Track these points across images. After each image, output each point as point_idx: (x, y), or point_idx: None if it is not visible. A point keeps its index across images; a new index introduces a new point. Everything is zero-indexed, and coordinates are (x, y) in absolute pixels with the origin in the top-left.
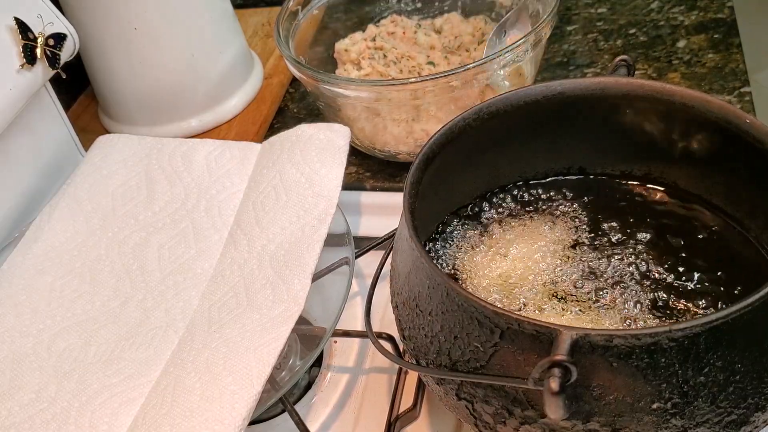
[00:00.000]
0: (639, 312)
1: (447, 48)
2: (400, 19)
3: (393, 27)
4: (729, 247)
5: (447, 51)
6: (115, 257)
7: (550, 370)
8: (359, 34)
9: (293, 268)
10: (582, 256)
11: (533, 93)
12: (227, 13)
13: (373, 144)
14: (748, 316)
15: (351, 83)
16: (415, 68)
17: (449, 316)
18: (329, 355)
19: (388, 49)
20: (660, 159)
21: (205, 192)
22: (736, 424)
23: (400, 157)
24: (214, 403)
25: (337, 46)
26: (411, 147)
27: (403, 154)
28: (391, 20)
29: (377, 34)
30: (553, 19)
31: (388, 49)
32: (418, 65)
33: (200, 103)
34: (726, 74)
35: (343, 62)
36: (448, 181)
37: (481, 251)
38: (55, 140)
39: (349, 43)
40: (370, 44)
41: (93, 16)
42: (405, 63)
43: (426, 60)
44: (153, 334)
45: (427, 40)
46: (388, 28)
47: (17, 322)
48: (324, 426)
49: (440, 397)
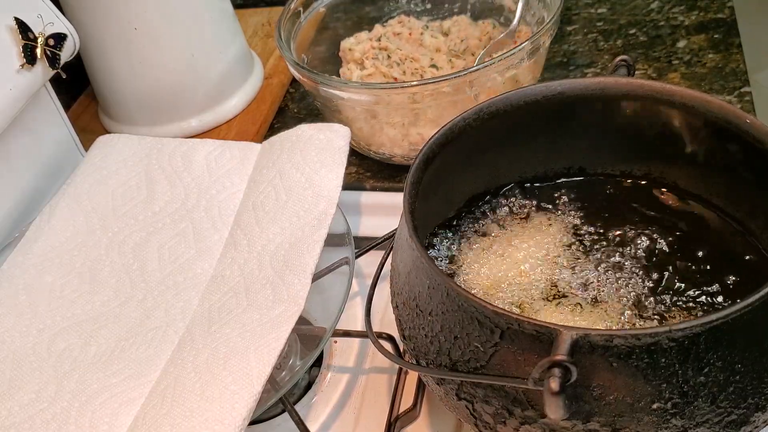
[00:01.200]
0: (639, 312)
1: (453, 51)
2: (408, 19)
3: (400, 27)
4: (729, 247)
5: (452, 54)
6: (115, 257)
7: (550, 370)
8: (365, 33)
9: (293, 268)
10: (582, 256)
11: (533, 93)
12: (227, 13)
13: (369, 145)
14: (748, 316)
15: (349, 86)
16: (418, 70)
17: (449, 316)
18: (329, 355)
19: (392, 50)
20: (660, 159)
21: (205, 192)
22: (736, 424)
23: (394, 159)
24: (214, 403)
25: (342, 44)
26: (406, 150)
27: (397, 156)
28: (398, 20)
29: (383, 34)
30: (553, 26)
31: (392, 50)
32: (421, 68)
33: (200, 103)
34: (726, 74)
35: (347, 61)
36: (448, 181)
37: (481, 251)
38: (55, 140)
39: (354, 42)
40: (374, 44)
41: (93, 16)
42: (408, 65)
43: (429, 63)
44: (153, 334)
45: (433, 42)
46: (395, 29)
47: (17, 322)
48: (324, 426)
49: (440, 397)
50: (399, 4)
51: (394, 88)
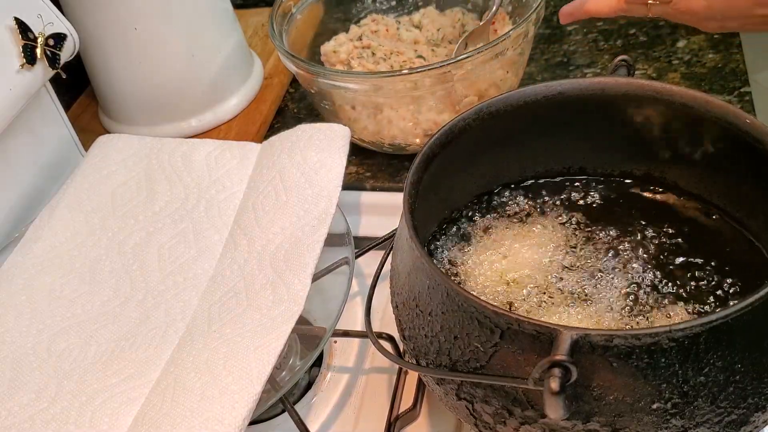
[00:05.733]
0: (639, 312)
1: (432, 41)
2: (380, 17)
3: (375, 25)
4: (729, 247)
5: (432, 44)
6: (115, 257)
7: (550, 370)
8: (343, 35)
9: (293, 268)
10: (582, 256)
11: (533, 93)
12: (227, 14)
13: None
14: (748, 316)
15: (348, 75)
16: (406, 62)
17: (449, 316)
18: (329, 355)
19: (375, 47)
20: (660, 159)
21: (205, 192)
22: (736, 424)
23: (410, 148)
24: (214, 403)
25: (323, 48)
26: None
27: (413, 145)
28: (372, 19)
29: (362, 33)
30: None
31: (375, 47)
32: (409, 59)
33: (200, 103)
34: (726, 74)
35: (332, 64)
36: (448, 181)
37: (481, 251)
38: (55, 140)
39: (336, 45)
40: (357, 44)
41: (93, 16)
42: (395, 59)
43: (415, 54)
44: (153, 334)
45: (410, 35)
46: (371, 27)
47: (17, 322)
48: (324, 426)
49: (440, 397)
50: (365, 5)
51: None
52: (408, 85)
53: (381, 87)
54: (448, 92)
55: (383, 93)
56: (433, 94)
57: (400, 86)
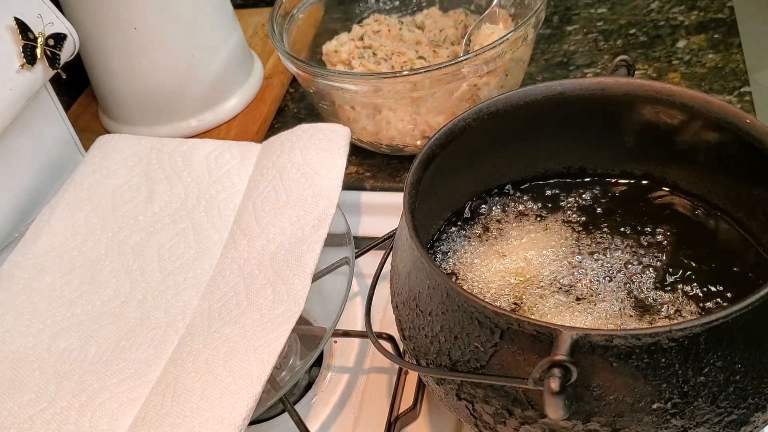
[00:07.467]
0: (639, 312)
1: (434, 42)
2: (383, 17)
3: (377, 25)
4: (729, 246)
5: (434, 45)
6: (115, 257)
7: (550, 370)
8: (345, 35)
9: (293, 268)
10: (582, 256)
11: (533, 93)
12: (227, 14)
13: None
14: (748, 316)
15: (347, 76)
16: (407, 63)
17: (449, 316)
18: (329, 355)
19: (376, 47)
20: (660, 159)
21: (205, 192)
22: (736, 424)
23: (407, 150)
24: (214, 403)
25: (324, 48)
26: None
27: (411, 146)
28: (374, 19)
29: (364, 33)
30: (541, 12)
31: (376, 47)
32: (410, 60)
33: (200, 103)
34: (726, 74)
35: (333, 64)
36: (448, 181)
37: (481, 251)
38: (55, 140)
39: (337, 44)
40: (358, 43)
41: (93, 16)
42: (396, 59)
43: (416, 55)
44: (153, 334)
45: (412, 36)
46: (373, 27)
47: (17, 322)
48: (324, 426)
49: (440, 397)
50: (369, 5)
51: (395, 77)
52: (407, 87)
53: (380, 88)
54: (448, 93)
55: (382, 94)
56: (432, 96)
57: (400, 87)
